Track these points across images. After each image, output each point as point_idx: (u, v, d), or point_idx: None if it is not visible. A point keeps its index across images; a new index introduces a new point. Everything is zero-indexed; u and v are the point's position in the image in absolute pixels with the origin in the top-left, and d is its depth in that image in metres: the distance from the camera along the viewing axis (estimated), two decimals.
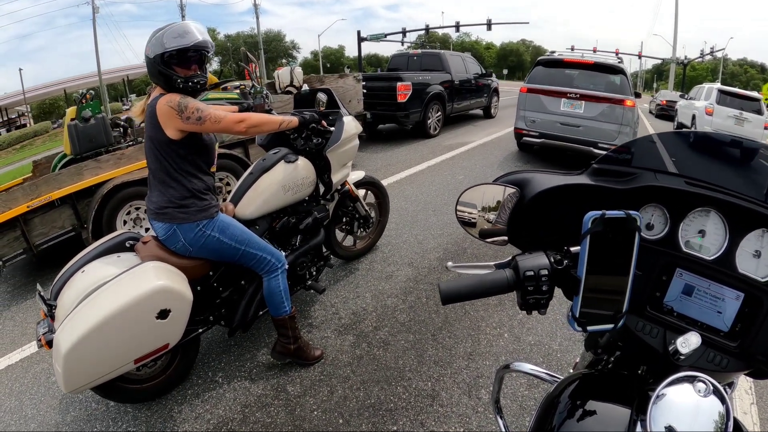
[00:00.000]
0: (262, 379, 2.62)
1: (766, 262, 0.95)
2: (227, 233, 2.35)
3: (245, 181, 2.77)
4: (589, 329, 0.87)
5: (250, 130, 2.37)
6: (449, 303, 0.90)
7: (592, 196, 1.05)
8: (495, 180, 1.09)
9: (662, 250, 1.00)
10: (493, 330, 3.17)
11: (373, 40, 32.20)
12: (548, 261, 0.89)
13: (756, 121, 12.85)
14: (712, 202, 0.98)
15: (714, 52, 51.39)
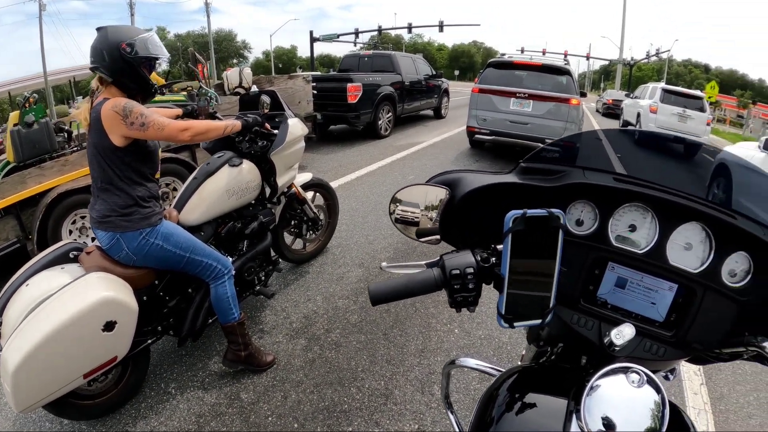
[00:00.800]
0: (215, 388, 2.60)
1: (697, 254, 0.99)
2: (171, 241, 2.33)
3: (189, 187, 2.74)
4: (515, 325, 0.89)
5: (195, 138, 2.35)
6: (378, 304, 0.92)
7: (522, 194, 1.08)
8: (427, 180, 1.11)
9: (593, 245, 1.03)
10: (443, 326, 3.24)
11: (325, 40, 32.16)
12: (474, 259, 0.91)
13: (699, 118, 13.55)
14: (640, 197, 1.01)
15: (659, 54, 53.73)
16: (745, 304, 0.97)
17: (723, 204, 1.00)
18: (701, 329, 0.96)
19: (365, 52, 14.34)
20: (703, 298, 0.97)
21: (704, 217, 0.98)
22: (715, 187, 1.26)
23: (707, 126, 13.76)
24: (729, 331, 0.96)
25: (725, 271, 0.98)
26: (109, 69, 2.14)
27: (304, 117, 7.79)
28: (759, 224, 0.98)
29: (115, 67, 2.14)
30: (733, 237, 0.97)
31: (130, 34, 2.17)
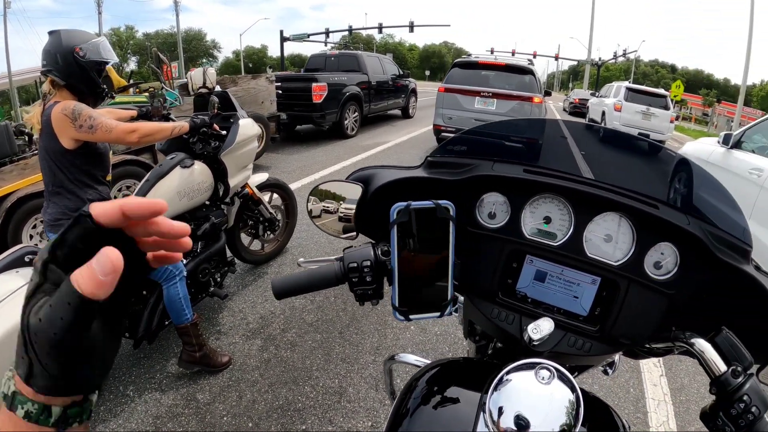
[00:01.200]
0: (172, 390, 2.61)
1: (619, 246, 0.96)
2: None
3: (141, 189, 2.74)
4: (411, 318, 0.91)
5: (142, 140, 2.37)
6: (283, 297, 0.93)
7: (433, 188, 1.06)
8: (346, 177, 1.13)
9: (508, 238, 1.01)
10: (399, 324, 3.30)
11: (296, 40, 32.00)
12: (373, 253, 0.91)
13: (662, 115, 14.00)
14: (551, 188, 1.00)
15: (626, 54, 55.01)
16: (673, 298, 0.95)
17: (650, 196, 0.98)
18: (627, 324, 0.94)
19: (332, 51, 14.44)
20: (627, 291, 0.94)
21: (623, 207, 0.96)
22: (676, 182, 1.27)
23: (671, 123, 14.21)
24: (658, 326, 0.94)
25: (649, 263, 0.95)
26: (63, 72, 2.16)
27: (267, 117, 7.77)
28: (686, 213, 0.96)
29: (69, 70, 2.16)
30: (657, 228, 0.94)
31: (83, 38, 2.20)
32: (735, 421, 0.74)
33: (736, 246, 0.94)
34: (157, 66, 6.38)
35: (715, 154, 5.80)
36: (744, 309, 0.91)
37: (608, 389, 2.92)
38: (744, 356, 0.81)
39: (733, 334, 0.83)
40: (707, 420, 0.79)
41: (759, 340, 0.88)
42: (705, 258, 0.91)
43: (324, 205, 1.09)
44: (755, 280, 0.89)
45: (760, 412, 0.73)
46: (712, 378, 0.79)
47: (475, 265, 1.02)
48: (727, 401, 0.75)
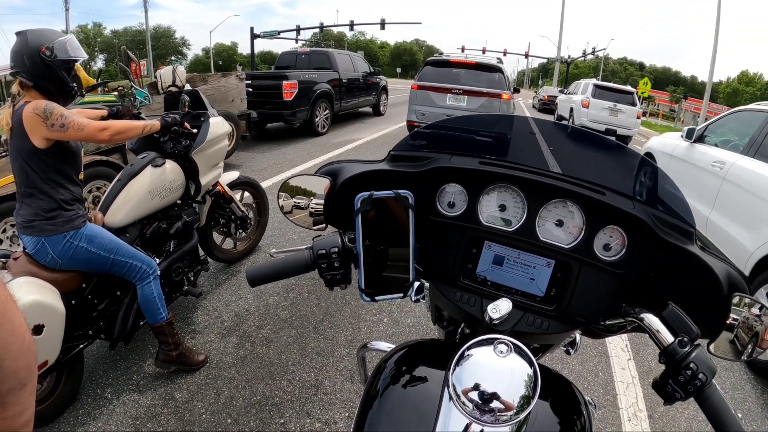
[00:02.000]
0: (150, 390, 2.63)
1: (569, 230, 1.04)
2: (95, 243, 2.36)
3: (113, 188, 2.76)
4: (377, 299, 0.98)
5: (113, 138, 2.40)
6: (257, 284, 1.00)
7: (396, 180, 1.14)
8: (315, 171, 1.18)
9: (466, 226, 1.09)
10: (372, 316, 3.39)
11: (266, 37, 31.75)
12: (340, 240, 0.98)
13: (629, 111, 14.39)
14: (504, 178, 1.07)
15: (596, 52, 56.07)
16: (622, 277, 1.02)
17: (597, 185, 1.05)
18: (581, 302, 1.01)
19: (302, 49, 14.42)
20: (579, 272, 1.02)
21: (571, 194, 1.03)
22: (643, 176, 1.34)
23: (638, 119, 14.63)
24: (610, 304, 1.02)
25: (599, 246, 1.03)
26: (30, 73, 2.17)
27: (238, 115, 7.76)
28: (632, 199, 1.03)
29: (36, 71, 2.17)
30: (604, 213, 1.02)
31: (50, 37, 2.20)
32: (684, 388, 0.81)
33: (680, 228, 1.01)
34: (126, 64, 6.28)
35: (679, 148, 6.01)
36: (690, 285, 0.99)
37: (578, 374, 3.05)
38: (690, 328, 0.88)
39: (679, 308, 0.90)
40: (658, 388, 0.86)
41: (706, 315, 0.96)
42: (651, 239, 0.99)
43: (295, 201, 1.16)
44: (699, 258, 0.97)
45: (708, 378, 0.80)
46: (661, 349, 0.86)
47: (437, 252, 1.10)
48: (675, 369, 0.82)
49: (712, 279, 0.96)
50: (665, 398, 0.86)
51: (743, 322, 0.93)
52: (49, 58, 2.16)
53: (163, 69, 3.65)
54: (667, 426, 2.72)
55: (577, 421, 0.88)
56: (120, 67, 5.45)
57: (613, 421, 2.70)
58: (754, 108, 5.12)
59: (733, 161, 4.64)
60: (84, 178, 2.50)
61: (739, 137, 5.06)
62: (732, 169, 4.59)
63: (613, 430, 2.63)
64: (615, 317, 1.01)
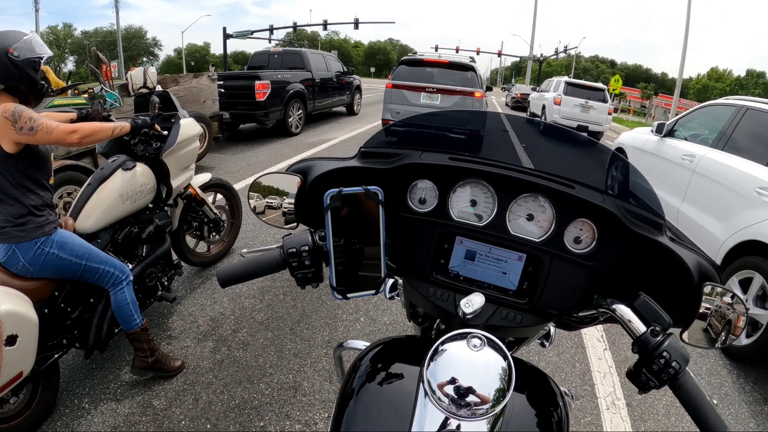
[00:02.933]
0: (127, 398, 2.60)
1: (540, 224, 1.06)
2: (66, 249, 2.33)
3: (83, 193, 2.72)
4: (349, 296, 0.98)
5: (83, 141, 2.36)
6: (228, 285, 0.99)
7: (367, 177, 1.13)
8: (286, 170, 1.18)
9: (438, 221, 1.09)
10: (349, 316, 3.41)
11: (239, 37, 31.56)
12: (311, 238, 0.98)
13: (601, 108, 14.75)
14: (474, 173, 1.08)
15: (568, 50, 57.06)
16: (594, 269, 1.04)
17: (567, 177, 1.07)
18: (553, 295, 1.03)
19: (275, 49, 14.42)
20: (550, 265, 1.04)
21: (540, 188, 1.05)
22: (613, 170, 1.38)
23: (609, 115, 14.98)
24: (581, 295, 1.04)
25: (569, 239, 1.05)
26: (1, 76, 2.14)
27: (210, 116, 7.69)
28: (602, 192, 1.05)
29: (6, 72, 2.13)
30: (574, 206, 1.03)
31: (15, 38, 2.17)
32: (658, 376, 0.83)
33: (650, 219, 1.04)
34: (96, 66, 6.18)
35: (650, 143, 6.14)
36: (662, 276, 1.02)
37: (555, 365, 3.11)
38: (662, 317, 0.90)
39: (650, 298, 0.93)
40: (633, 377, 0.88)
41: (678, 305, 0.98)
42: (621, 231, 1.02)
43: (268, 201, 1.14)
44: (669, 249, 1.00)
45: (681, 366, 0.81)
46: (634, 339, 0.88)
47: (409, 248, 1.11)
48: (648, 358, 0.84)
49: (682, 269, 0.99)
50: (640, 387, 0.87)
51: (716, 310, 0.94)
52: (17, 59, 2.12)
53: (134, 70, 3.62)
54: (645, 413, 2.79)
55: (553, 412, 0.90)
56: (90, 68, 5.36)
57: (591, 410, 2.76)
58: (723, 102, 5.27)
59: (702, 154, 4.77)
60: (54, 183, 2.46)
61: (708, 131, 5.21)
62: (702, 162, 4.72)
63: (592, 420, 2.69)
64: (587, 309, 1.04)
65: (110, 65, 7.24)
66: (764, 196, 3.64)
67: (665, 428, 2.71)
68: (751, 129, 4.45)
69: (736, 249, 3.76)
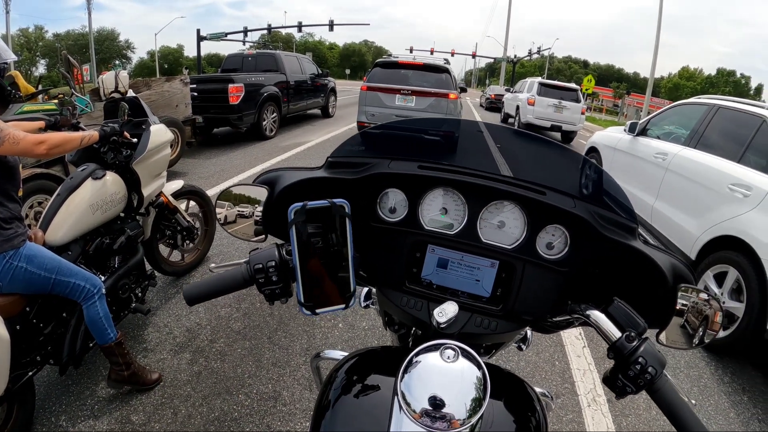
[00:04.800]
0: (105, 414, 2.55)
1: (511, 231, 1.07)
2: (35, 262, 2.27)
3: (53, 204, 2.65)
4: (318, 312, 0.95)
5: (51, 152, 2.30)
6: (194, 303, 0.96)
7: (335, 187, 1.13)
8: (253, 181, 1.16)
9: (409, 231, 1.10)
10: (327, 323, 3.40)
11: (213, 39, 31.44)
12: (277, 253, 0.96)
13: (574, 108, 15.10)
14: (444, 182, 1.09)
15: (541, 51, 58.05)
16: (567, 275, 1.05)
17: (539, 183, 1.08)
18: (527, 301, 1.04)
19: (249, 51, 14.39)
20: (523, 271, 1.05)
21: (510, 195, 1.06)
22: (585, 175, 1.38)
23: (582, 115, 15.31)
24: (555, 301, 1.05)
25: (542, 245, 1.06)
26: None
27: (182, 121, 7.62)
28: (573, 198, 1.06)
29: None
30: (545, 212, 1.04)
31: None
32: (634, 382, 0.84)
33: (622, 224, 1.06)
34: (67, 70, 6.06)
35: (623, 142, 6.27)
36: (636, 280, 1.03)
37: (534, 364, 3.15)
38: (637, 322, 0.91)
39: (625, 303, 0.93)
40: (609, 383, 0.89)
41: (653, 307, 0.99)
42: (594, 236, 1.03)
43: (239, 210, 1.13)
44: (642, 253, 1.01)
45: (657, 371, 0.82)
46: (609, 344, 0.89)
47: (381, 258, 1.11)
48: (624, 364, 0.85)
49: (656, 272, 1.00)
50: (617, 393, 0.87)
51: (693, 307, 0.95)
52: None
53: (105, 74, 3.56)
54: (626, 409, 2.85)
55: (531, 417, 0.90)
56: (61, 73, 5.27)
57: (573, 407, 2.80)
58: (695, 101, 5.41)
59: (675, 152, 4.89)
60: (24, 192, 2.41)
61: (680, 130, 5.34)
62: (674, 160, 4.83)
63: (574, 417, 2.72)
64: (562, 314, 1.04)
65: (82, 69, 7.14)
66: (737, 193, 3.73)
67: (646, 422, 2.76)
68: (723, 127, 4.58)
69: (711, 244, 3.86)
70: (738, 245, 3.53)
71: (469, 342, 0.80)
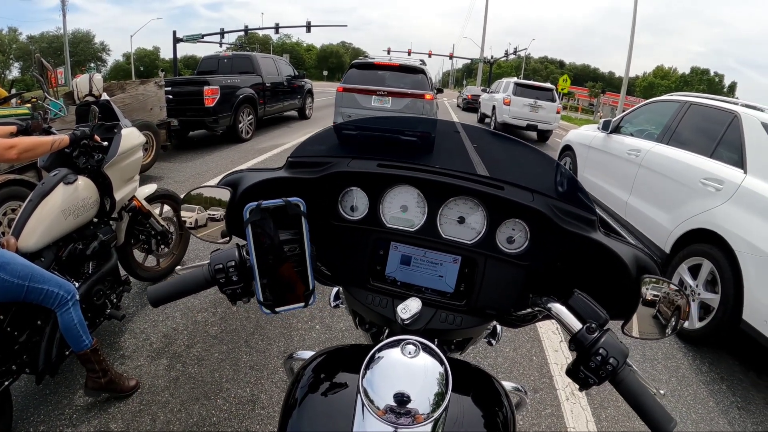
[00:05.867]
0: (83, 423, 2.51)
1: (471, 226, 1.09)
2: (7, 270, 2.22)
3: (25, 210, 2.61)
4: (278, 310, 0.96)
5: (21, 156, 2.28)
6: (159, 305, 0.96)
7: (296, 187, 1.14)
8: (217, 183, 1.17)
9: (370, 228, 1.12)
10: (304, 324, 3.40)
11: (189, 41, 31.18)
12: (237, 253, 0.95)
13: (549, 107, 15.41)
14: (403, 180, 1.11)
15: (517, 52, 58.73)
16: (528, 268, 1.07)
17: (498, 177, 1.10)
18: (490, 295, 1.06)
19: (225, 53, 14.34)
20: (485, 266, 1.07)
21: (468, 191, 1.08)
22: (544, 171, 1.39)
23: (557, 114, 15.62)
24: (518, 295, 1.07)
25: (502, 239, 1.09)
26: None
27: (157, 124, 7.55)
28: (532, 192, 1.09)
29: None
30: (504, 207, 1.07)
31: None
32: (596, 373, 0.84)
33: (582, 217, 1.08)
34: (41, 73, 6.00)
35: (597, 140, 6.36)
36: (599, 272, 1.04)
37: (512, 360, 3.17)
38: (598, 314, 0.91)
39: (586, 295, 0.94)
40: (572, 375, 0.89)
41: (617, 299, 1.01)
42: (553, 230, 1.05)
43: (210, 214, 1.13)
44: (603, 245, 1.03)
45: (619, 362, 0.83)
46: (570, 336, 0.90)
47: (344, 257, 1.13)
48: (585, 356, 0.85)
49: (619, 264, 1.01)
50: (580, 384, 0.88)
51: (664, 297, 0.96)
52: None
53: (79, 78, 3.51)
54: (605, 401, 2.89)
55: (498, 412, 0.91)
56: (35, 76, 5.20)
57: (551, 401, 2.83)
58: (667, 99, 5.52)
59: (648, 149, 4.98)
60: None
61: (653, 126, 5.45)
62: (648, 156, 4.92)
63: (553, 411, 2.75)
64: (525, 308, 1.05)
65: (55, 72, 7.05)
66: (709, 187, 3.81)
67: (625, 413, 2.79)
68: (695, 123, 4.68)
69: (684, 238, 3.93)
70: (711, 238, 3.61)
71: (435, 337, 0.80)
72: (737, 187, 3.56)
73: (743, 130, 3.91)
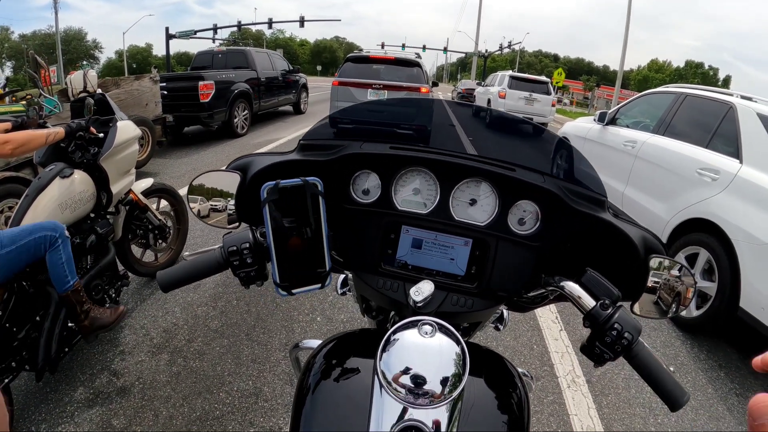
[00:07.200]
0: (85, 420, 2.50)
1: (483, 208, 1.09)
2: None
3: (22, 205, 2.60)
4: (294, 292, 0.96)
5: (16, 151, 2.27)
6: (169, 290, 0.95)
7: (308, 170, 1.11)
8: (225, 167, 1.16)
9: (382, 212, 1.11)
10: (305, 317, 3.41)
11: (182, 37, 31.04)
12: (251, 235, 0.95)
13: (544, 100, 15.50)
14: (416, 161, 1.11)
15: (512, 46, 58.74)
16: (540, 249, 1.07)
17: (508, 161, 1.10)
18: (501, 277, 1.06)
19: (219, 48, 14.28)
20: (496, 248, 1.07)
21: (480, 172, 1.08)
22: (556, 153, 1.41)
23: (552, 107, 15.69)
24: (529, 276, 1.07)
25: (513, 221, 1.08)
26: None
27: (152, 120, 7.52)
28: (542, 173, 1.08)
29: None
30: (516, 188, 1.07)
31: None
32: (611, 348, 0.85)
33: (591, 197, 1.09)
34: (35, 71, 5.96)
35: (592, 132, 6.39)
36: (608, 252, 1.06)
37: (513, 349, 3.21)
38: (610, 291, 0.92)
39: (597, 273, 0.95)
40: (587, 351, 0.90)
41: (626, 278, 1.01)
42: (564, 210, 1.06)
43: (212, 204, 1.12)
44: (613, 225, 1.04)
45: (634, 337, 0.84)
46: (584, 313, 0.91)
47: (355, 241, 1.12)
48: (600, 332, 0.86)
49: (627, 244, 1.02)
50: (595, 360, 0.89)
51: (665, 283, 0.98)
52: None
53: (73, 74, 3.50)
54: (606, 388, 2.92)
55: (512, 393, 0.91)
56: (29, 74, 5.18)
57: (553, 389, 2.86)
58: (663, 90, 5.56)
59: (644, 140, 5.01)
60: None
61: (649, 118, 5.48)
62: (643, 147, 4.95)
63: (555, 399, 2.78)
64: (537, 289, 1.05)
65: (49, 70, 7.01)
66: (705, 177, 3.84)
67: (626, 400, 2.83)
68: (690, 114, 4.72)
69: (681, 227, 3.97)
70: (708, 227, 3.65)
71: (446, 320, 0.80)
72: (733, 177, 3.60)
73: (739, 120, 3.94)
